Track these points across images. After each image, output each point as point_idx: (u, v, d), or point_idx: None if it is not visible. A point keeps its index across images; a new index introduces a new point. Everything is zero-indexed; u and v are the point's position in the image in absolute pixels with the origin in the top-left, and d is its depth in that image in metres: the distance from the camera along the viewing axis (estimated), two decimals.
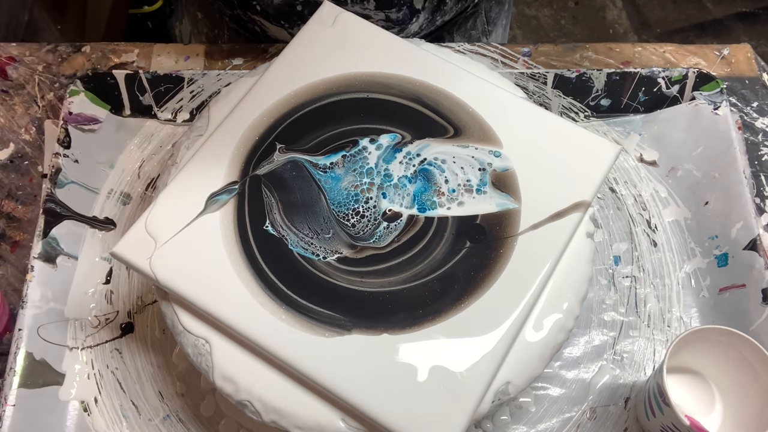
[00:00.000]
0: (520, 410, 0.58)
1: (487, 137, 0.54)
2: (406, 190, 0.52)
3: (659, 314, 0.62)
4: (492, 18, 0.81)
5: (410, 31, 0.70)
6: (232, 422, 0.57)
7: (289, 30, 0.70)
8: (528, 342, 0.49)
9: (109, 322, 0.61)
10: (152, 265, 0.49)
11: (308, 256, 0.50)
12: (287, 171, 0.53)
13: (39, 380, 0.56)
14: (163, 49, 0.70)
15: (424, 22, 0.70)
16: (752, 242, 0.60)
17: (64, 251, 0.61)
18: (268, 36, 0.73)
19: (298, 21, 0.68)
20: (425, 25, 0.71)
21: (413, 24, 0.69)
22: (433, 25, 0.72)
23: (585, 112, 0.70)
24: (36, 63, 0.70)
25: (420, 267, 0.50)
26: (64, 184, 0.63)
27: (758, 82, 0.69)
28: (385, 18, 0.67)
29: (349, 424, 0.46)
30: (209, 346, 0.48)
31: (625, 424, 0.58)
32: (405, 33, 0.70)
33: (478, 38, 0.80)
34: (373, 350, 0.47)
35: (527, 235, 0.51)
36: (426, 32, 0.73)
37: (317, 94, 0.56)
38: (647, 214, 0.66)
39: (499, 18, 0.82)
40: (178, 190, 0.52)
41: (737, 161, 0.63)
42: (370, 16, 0.67)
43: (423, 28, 0.71)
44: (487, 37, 0.81)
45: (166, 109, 0.69)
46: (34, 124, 0.67)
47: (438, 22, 0.72)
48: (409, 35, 0.71)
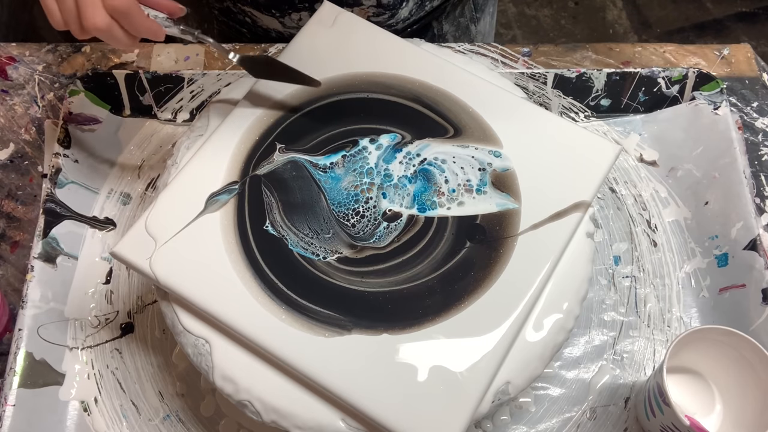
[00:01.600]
0: (520, 410, 0.58)
1: (487, 137, 0.54)
2: (406, 190, 0.52)
3: (659, 314, 0.62)
4: (480, 4, 0.81)
5: (400, 16, 0.70)
6: (232, 422, 0.57)
7: (280, 19, 0.69)
8: (528, 342, 0.49)
9: (109, 322, 0.61)
10: (152, 265, 0.49)
11: (308, 256, 0.50)
12: (287, 171, 0.53)
13: (39, 380, 0.56)
14: (163, 49, 0.70)
15: (413, 8, 0.70)
16: (752, 242, 0.60)
17: (64, 251, 0.61)
18: (259, 26, 0.73)
19: (289, 9, 0.68)
20: (414, 10, 0.71)
21: (403, 9, 0.69)
22: (422, 10, 0.72)
23: (585, 112, 0.70)
24: (36, 63, 0.70)
25: (420, 267, 0.50)
26: (64, 184, 0.63)
27: (758, 82, 0.69)
28: (376, 3, 0.67)
29: (349, 424, 0.46)
30: (209, 346, 0.48)
31: (625, 424, 0.58)
32: (395, 18, 0.70)
33: (466, 26, 0.80)
34: (373, 350, 0.47)
35: (527, 235, 0.51)
36: (415, 18, 0.72)
37: (317, 94, 0.56)
38: (647, 214, 0.66)
39: (486, 5, 0.83)
40: (178, 190, 0.52)
41: (737, 161, 0.63)
42: (362, 2, 0.67)
43: (413, 14, 0.71)
44: (475, 25, 0.81)
45: (166, 109, 0.69)
46: (34, 124, 0.67)
47: (427, 8, 0.72)
48: (399, 21, 0.71)
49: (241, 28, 0.76)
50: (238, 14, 0.72)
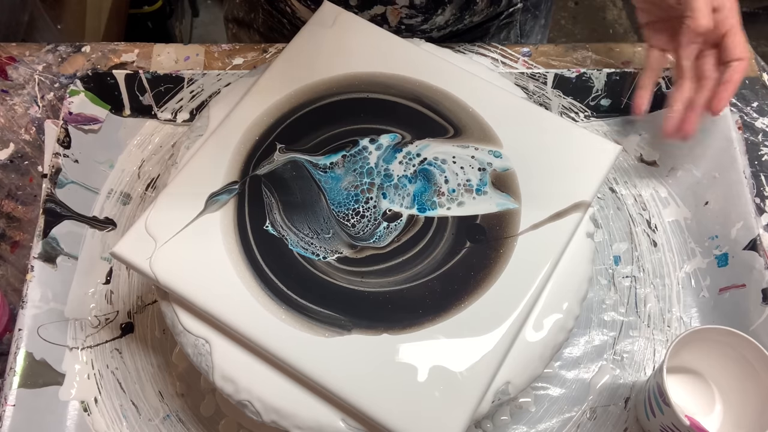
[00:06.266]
0: (520, 410, 0.58)
1: (487, 137, 0.54)
2: (406, 190, 0.52)
3: (659, 314, 0.62)
4: (526, 31, 0.80)
5: (436, 23, 0.69)
6: (232, 422, 0.57)
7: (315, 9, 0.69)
8: (528, 342, 0.49)
9: (109, 322, 0.61)
10: (152, 265, 0.49)
11: (308, 256, 0.50)
12: (287, 171, 0.53)
13: (39, 380, 0.56)
14: (163, 49, 0.70)
15: (450, 17, 0.69)
16: (752, 242, 0.60)
17: (64, 251, 0.61)
18: (297, 17, 0.73)
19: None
20: (452, 20, 0.70)
21: (439, 16, 0.68)
22: (461, 22, 0.71)
23: (585, 112, 0.70)
24: (36, 63, 0.70)
25: (420, 267, 0.50)
26: (64, 184, 0.63)
27: (758, 82, 0.69)
28: (408, 4, 0.67)
29: (349, 424, 0.46)
30: (209, 346, 0.48)
31: (625, 424, 0.58)
32: (430, 24, 0.69)
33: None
34: (373, 350, 0.47)
35: (527, 235, 0.51)
36: (452, 29, 0.72)
37: (317, 94, 0.56)
38: (647, 214, 0.66)
39: (533, 32, 0.82)
40: (178, 190, 0.52)
41: (737, 161, 0.63)
42: (395, 1, 0.66)
43: (449, 24, 0.70)
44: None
45: (166, 109, 0.69)
46: (34, 124, 0.67)
47: (466, 21, 0.71)
48: (434, 27, 0.70)
49: (282, 18, 0.77)
50: (279, 3, 0.74)
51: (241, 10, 0.82)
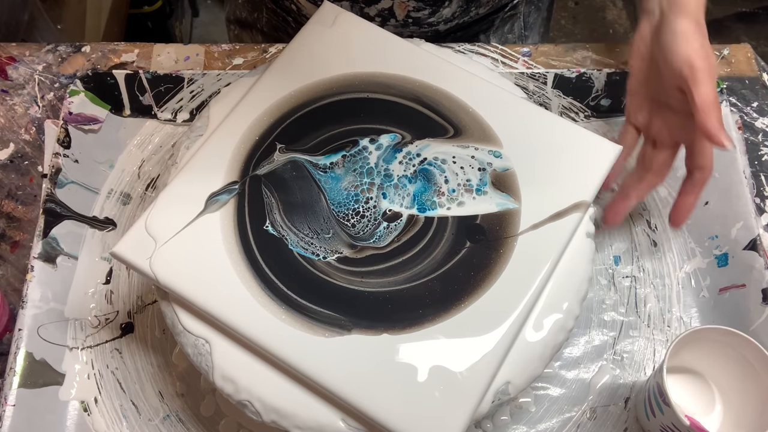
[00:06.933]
0: (520, 410, 0.58)
1: (487, 137, 0.54)
2: (406, 190, 0.52)
3: (659, 314, 0.62)
4: (530, 23, 0.80)
5: (442, 15, 0.69)
6: (232, 422, 0.57)
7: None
8: (528, 342, 0.49)
9: (109, 322, 0.61)
10: (152, 265, 0.49)
11: (308, 256, 0.50)
12: (287, 171, 0.53)
13: (39, 380, 0.56)
14: (163, 49, 0.70)
15: (457, 9, 0.69)
16: (752, 242, 0.60)
17: (64, 251, 0.61)
18: (303, 15, 0.73)
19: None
20: (458, 13, 0.70)
21: (446, 8, 0.68)
22: (466, 14, 0.71)
23: (585, 112, 0.70)
24: (36, 63, 0.70)
25: (420, 267, 0.50)
26: (64, 184, 0.63)
27: (758, 82, 0.69)
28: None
29: (349, 424, 0.46)
30: (209, 346, 0.48)
31: (625, 424, 0.58)
32: (437, 17, 0.69)
33: (513, 42, 0.80)
34: (373, 350, 0.47)
35: (527, 235, 0.51)
36: (459, 22, 0.72)
37: (317, 94, 0.56)
38: (647, 214, 0.66)
39: (536, 25, 0.82)
40: (178, 190, 0.52)
41: (737, 161, 0.63)
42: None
43: (456, 16, 0.70)
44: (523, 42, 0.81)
45: (166, 109, 0.69)
46: (34, 124, 0.67)
47: (472, 14, 0.71)
48: (440, 20, 0.70)
49: (287, 17, 0.76)
50: (285, 0, 0.73)
51: (244, 11, 0.82)
